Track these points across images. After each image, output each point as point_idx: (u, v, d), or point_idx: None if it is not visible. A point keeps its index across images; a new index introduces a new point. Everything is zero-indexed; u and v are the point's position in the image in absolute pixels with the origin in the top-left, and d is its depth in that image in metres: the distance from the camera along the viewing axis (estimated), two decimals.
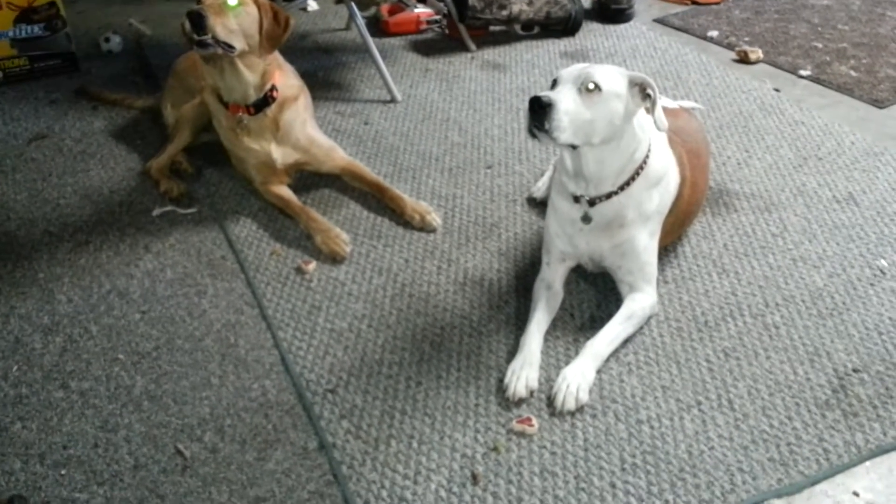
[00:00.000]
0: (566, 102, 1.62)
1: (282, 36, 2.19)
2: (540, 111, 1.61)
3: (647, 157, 1.78)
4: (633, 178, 1.77)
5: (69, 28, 3.18)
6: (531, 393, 1.70)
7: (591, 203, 1.78)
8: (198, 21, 2.01)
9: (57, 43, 3.16)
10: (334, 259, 2.12)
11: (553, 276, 1.92)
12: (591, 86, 1.63)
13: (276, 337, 1.90)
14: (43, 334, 1.94)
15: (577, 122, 1.63)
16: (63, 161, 2.64)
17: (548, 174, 2.36)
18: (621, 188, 1.77)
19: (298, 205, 2.28)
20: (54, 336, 1.93)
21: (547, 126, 1.61)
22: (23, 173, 2.58)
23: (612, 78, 1.67)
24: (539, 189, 2.34)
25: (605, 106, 1.65)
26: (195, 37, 2.03)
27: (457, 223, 2.27)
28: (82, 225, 2.33)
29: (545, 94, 1.63)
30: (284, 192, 2.32)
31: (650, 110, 1.70)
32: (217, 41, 2.05)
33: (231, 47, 2.08)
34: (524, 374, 1.71)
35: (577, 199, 1.80)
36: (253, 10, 2.13)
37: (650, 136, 1.79)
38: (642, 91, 1.69)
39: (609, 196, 1.77)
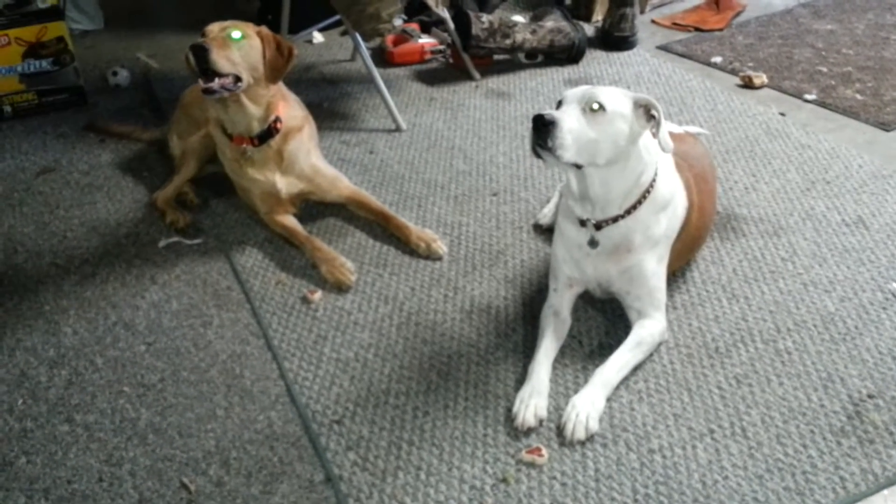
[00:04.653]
0: (570, 121, 1.62)
1: (285, 66, 2.20)
2: (543, 129, 1.60)
3: (653, 181, 1.77)
4: (639, 202, 1.76)
5: (77, 62, 3.21)
6: (540, 422, 1.68)
7: (598, 227, 1.77)
8: (201, 54, 2.02)
9: (65, 77, 3.19)
10: (340, 288, 2.11)
11: (561, 302, 1.90)
12: (596, 106, 1.63)
13: (281, 367, 1.88)
14: (48, 367, 1.93)
15: (581, 142, 1.62)
16: (70, 194, 2.65)
17: (553, 201, 2.35)
18: (628, 212, 1.76)
19: (303, 234, 2.28)
20: (60, 369, 1.92)
21: (550, 144, 1.60)
22: (30, 206, 2.59)
23: (617, 98, 1.67)
24: (545, 216, 2.33)
25: (609, 126, 1.65)
26: (201, 81, 2.05)
27: (463, 251, 2.26)
28: (89, 257, 2.33)
29: (549, 112, 1.63)
30: (289, 221, 2.32)
31: (655, 133, 1.70)
32: (223, 87, 2.06)
33: (238, 81, 2.09)
34: (533, 402, 1.69)
35: (583, 224, 1.79)
36: (256, 42, 2.14)
37: (657, 161, 1.78)
38: (647, 112, 1.69)
39: (615, 220, 1.76)
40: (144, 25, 4.18)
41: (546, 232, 2.28)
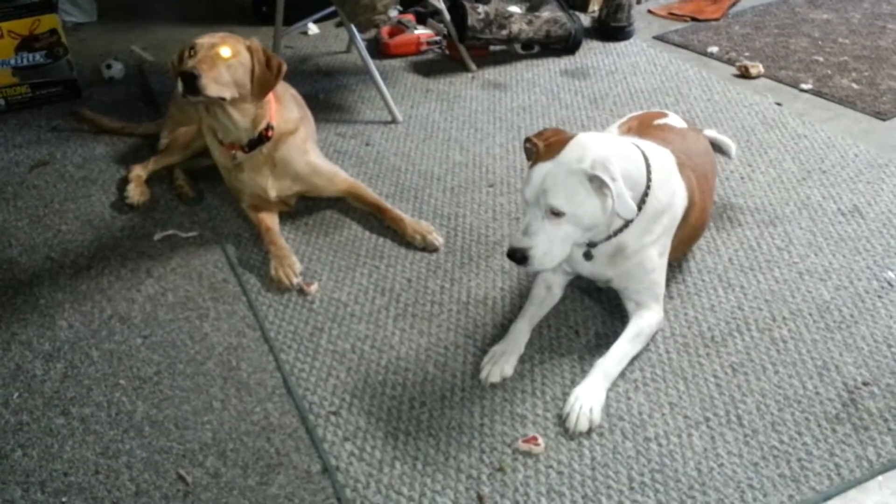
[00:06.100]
0: (541, 245, 1.61)
1: (274, 83, 2.16)
2: (523, 260, 1.62)
3: (646, 194, 1.72)
4: (630, 220, 1.72)
5: (70, 55, 3.19)
6: (503, 379, 1.77)
7: (592, 244, 1.77)
8: (190, 81, 1.99)
9: (58, 70, 3.18)
10: (278, 287, 2.10)
11: (554, 280, 1.91)
12: (553, 211, 1.60)
13: (278, 359, 1.88)
14: (44, 361, 1.93)
15: (557, 251, 1.63)
16: (64, 187, 2.64)
17: None
18: (620, 230, 1.74)
19: (266, 226, 2.26)
20: (55, 362, 1.92)
21: (530, 268, 1.63)
22: (24, 200, 2.58)
23: (572, 193, 1.59)
24: None
25: (576, 223, 1.62)
26: (185, 95, 2.03)
27: (459, 242, 2.26)
28: (83, 250, 2.32)
29: (519, 243, 1.61)
30: (266, 219, 2.29)
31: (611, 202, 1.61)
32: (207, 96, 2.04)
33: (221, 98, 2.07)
34: (501, 362, 1.78)
35: None
36: (246, 58, 2.10)
37: (652, 171, 1.73)
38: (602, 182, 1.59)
39: (608, 238, 1.75)
40: (138, 18, 4.16)
41: None
